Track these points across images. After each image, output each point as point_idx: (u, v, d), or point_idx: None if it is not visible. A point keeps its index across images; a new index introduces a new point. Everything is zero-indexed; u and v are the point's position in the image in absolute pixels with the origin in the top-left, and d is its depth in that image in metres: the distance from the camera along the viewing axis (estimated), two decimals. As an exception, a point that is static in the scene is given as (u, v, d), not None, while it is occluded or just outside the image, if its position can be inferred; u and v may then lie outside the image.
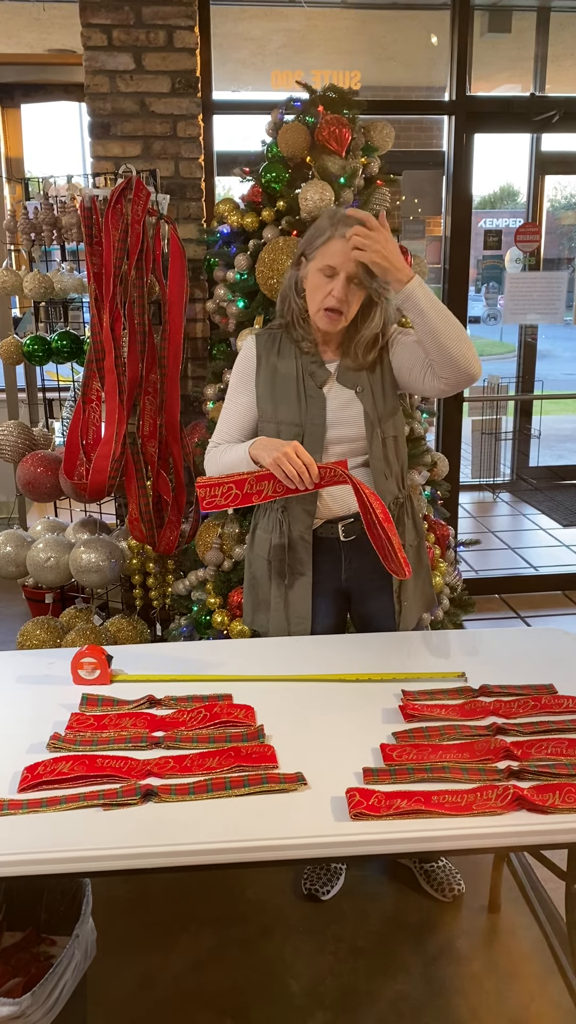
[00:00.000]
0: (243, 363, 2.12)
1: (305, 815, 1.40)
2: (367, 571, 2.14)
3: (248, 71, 4.94)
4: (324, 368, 2.08)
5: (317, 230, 1.98)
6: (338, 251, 1.91)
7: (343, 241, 1.90)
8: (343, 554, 2.13)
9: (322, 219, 1.99)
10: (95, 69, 3.20)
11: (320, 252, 1.94)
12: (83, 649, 1.85)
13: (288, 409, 2.06)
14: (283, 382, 2.06)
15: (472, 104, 3.93)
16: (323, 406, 2.05)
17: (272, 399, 2.07)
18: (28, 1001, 1.56)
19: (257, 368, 2.10)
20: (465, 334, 1.92)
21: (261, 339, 2.12)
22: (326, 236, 1.93)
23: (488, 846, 1.53)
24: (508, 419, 6.82)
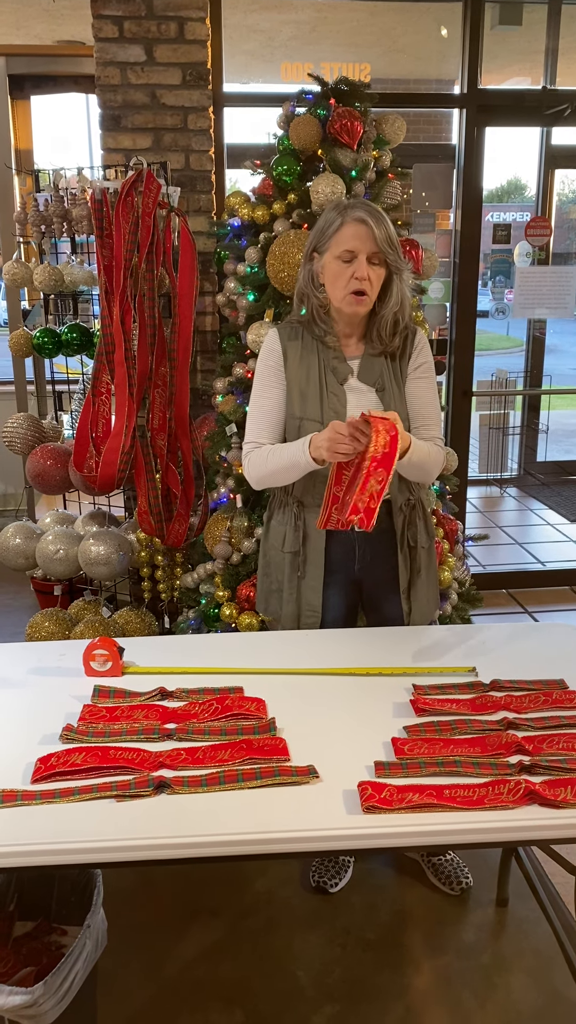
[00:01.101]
0: (269, 357, 2.12)
1: (317, 808, 1.40)
2: (380, 563, 2.14)
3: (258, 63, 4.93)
4: (346, 364, 2.08)
5: (326, 221, 2.00)
6: (354, 234, 1.94)
7: (356, 224, 1.93)
8: (356, 545, 2.13)
9: (328, 212, 2.02)
10: (106, 61, 3.20)
11: (335, 240, 1.97)
12: (95, 641, 1.86)
13: (310, 405, 2.06)
14: (306, 377, 2.07)
15: (483, 97, 3.91)
16: (343, 403, 2.06)
17: (295, 394, 2.08)
18: (40, 990, 1.57)
19: (284, 362, 2.10)
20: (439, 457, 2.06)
21: (283, 332, 2.13)
22: (338, 224, 1.96)
23: (500, 840, 1.53)
24: (516, 414, 6.80)
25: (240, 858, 1.39)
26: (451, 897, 2.35)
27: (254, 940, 2.20)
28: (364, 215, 1.94)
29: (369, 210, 1.95)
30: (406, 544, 2.14)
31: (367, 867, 2.46)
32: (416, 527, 2.16)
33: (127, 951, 2.14)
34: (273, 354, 2.11)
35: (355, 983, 2.08)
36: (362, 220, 1.93)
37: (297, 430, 2.07)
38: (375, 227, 1.93)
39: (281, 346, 2.11)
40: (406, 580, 2.16)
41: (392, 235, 1.96)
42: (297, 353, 2.09)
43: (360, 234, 1.94)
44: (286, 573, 2.16)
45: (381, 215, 1.96)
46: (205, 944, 2.19)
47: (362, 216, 1.94)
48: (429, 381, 2.14)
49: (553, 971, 2.11)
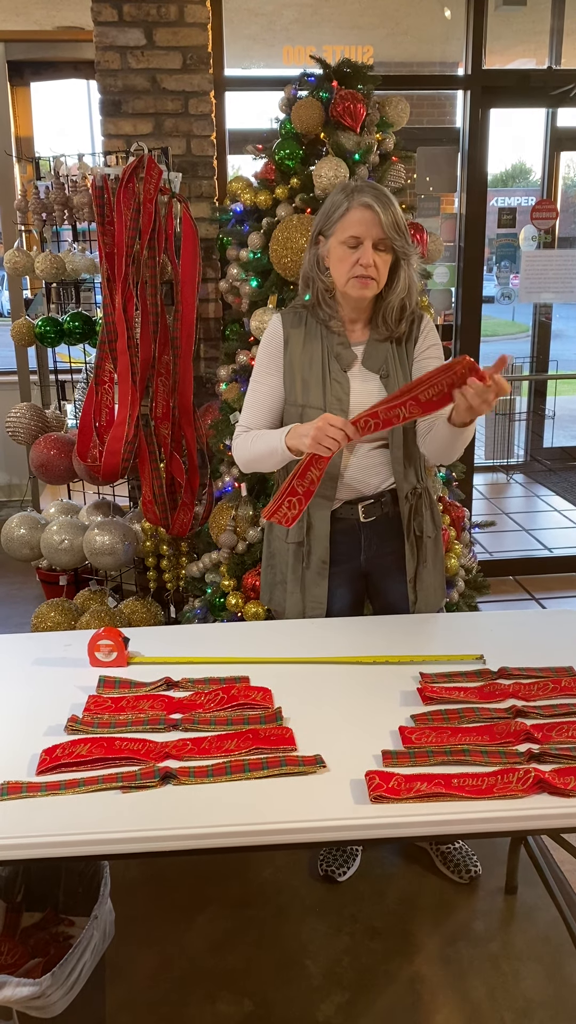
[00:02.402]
0: (270, 343, 2.08)
1: (324, 798, 1.39)
2: (387, 552, 2.12)
3: (259, 47, 4.87)
4: (350, 350, 2.04)
5: (333, 204, 1.95)
6: (359, 220, 1.89)
7: (362, 210, 1.88)
8: (362, 535, 2.11)
9: (335, 193, 1.96)
10: (105, 45, 3.16)
11: (340, 225, 1.92)
12: (100, 631, 1.85)
13: (312, 392, 2.02)
14: (308, 364, 2.03)
15: (488, 78, 3.87)
16: (347, 390, 2.02)
17: (297, 381, 2.04)
18: (48, 981, 1.57)
19: (284, 348, 2.06)
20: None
21: (287, 317, 2.08)
22: (344, 208, 1.91)
23: (509, 829, 1.52)
24: (522, 399, 6.76)
25: (247, 849, 1.38)
26: (459, 885, 2.34)
27: (262, 929, 2.20)
28: (370, 200, 1.88)
29: (376, 194, 1.90)
30: (412, 533, 2.12)
31: (375, 855, 2.45)
32: (422, 516, 2.14)
33: (135, 941, 2.14)
34: (274, 340, 2.07)
35: (363, 971, 2.07)
36: (368, 205, 1.88)
37: (299, 418, 2.03)
38: (382, 213, 1.88)
39: (283, 332, 2.06)
40: (412, 569, 2.14)
41: (399, 220, 1.91)
42: (300, 339, 2.05)
43: (366, 219, 1.89)
44: (290, 564, 2.13)
45: (388, 199, 1.91)
46: (213, 934, 2.19)
47: (368, 201, 1.88)
48: (438, 362, 2.06)
49: (562, 959, 2.10)
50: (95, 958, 1.73)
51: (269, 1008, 1.98)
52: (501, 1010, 1.97)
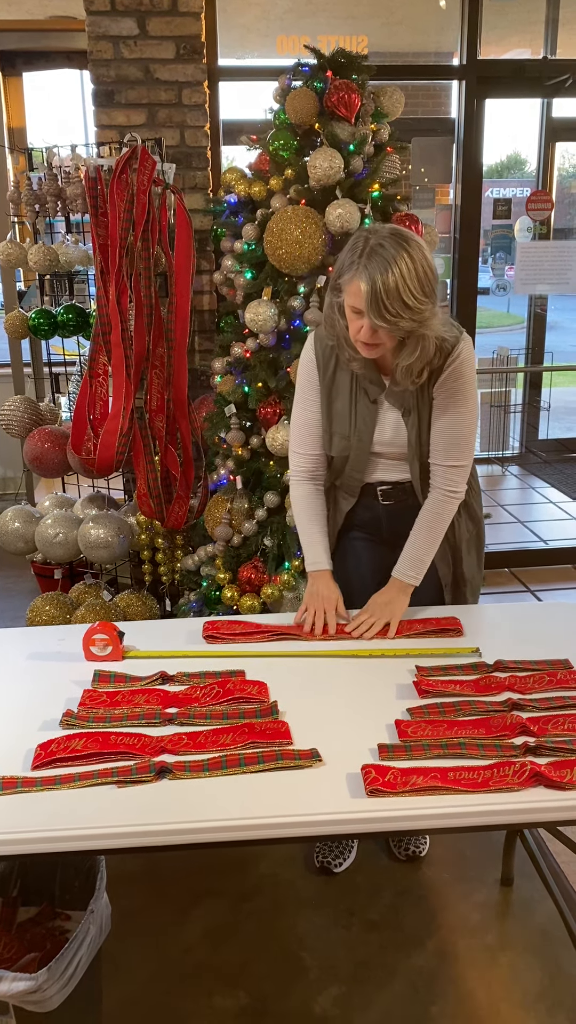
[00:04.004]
0: (306, 370, 2.06)
1: (320, 792, 1.39)
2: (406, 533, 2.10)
3: (253, 36, 4.84)
4: (379, 383, 2.00)
5: (349, 258, 1.77)
6: (358, 292, 1.74)
7: (357, 283, 1.73)
8: (383, 514, 2.14)
9: (357, 242, 1.77)
10: (98, 35, 3.14)
11: (347, 288, 1.78)
12: (95, 625, 1.84)
13: (340, 422, 2.03)
14: (338, 393, 2.02)
15: (483, 68, 3.85)
16: (372, 423, 2.01)
17: (328, 411, 2.04)
18: (44, 976, 1.56)
19: (320, 374, 2.03)
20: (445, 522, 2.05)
21: (320, 344, 2.03)
22: (352, 272, 1.75)
23: (505, 823, 1.52)
24: (517, 391, 6.75)
25: (243, 843, 1.38)
26: (455, 878, 2.34)
27: (258, 923, 2.20)
28: (366, 282, 1.70)
29: (371, 274, 1.69)
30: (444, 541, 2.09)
31: (371, 849, 2.45)
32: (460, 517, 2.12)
33: (131, 935, 2.14)
34: (309, 364, 2.05)
35: (360, 964, 2.07)
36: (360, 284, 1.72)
37: (329, 442, 2.06)
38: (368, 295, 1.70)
39: (316, 358, 2.03)
40: (448, 574, 2.16)
41: (396, 301, 1.70)
42: (332, 365, 2.02)
43: (359, 296, 1.74)
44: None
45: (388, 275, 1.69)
46: (209, 927, 2.19)
47: (363, 282, 1.71)
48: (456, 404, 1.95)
49: (558, 950, 2.11)
50: (91, 952, 1.73)
51: (266, 1002, 1.98)
52: (497, 1002, 1.97)
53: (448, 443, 1.98)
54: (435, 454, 2.00)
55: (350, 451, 2.04)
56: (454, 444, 1.98)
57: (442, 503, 2.01)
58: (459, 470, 1.99)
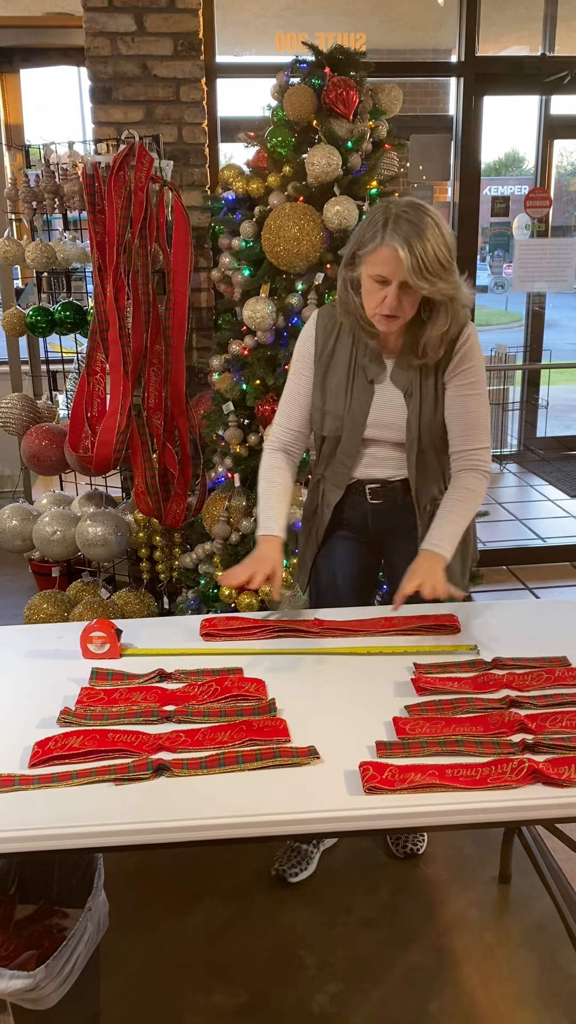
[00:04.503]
0: (303, 344, 2.04)
1: (318, 789, 1.39)
2: (393, 532, 2.13)
3: (251, 33, 4.84)
4: (380, 362, 1.98)
5: (367, 233, 1.79)
6: (386, 260, 1.75)
7: (392, 250, 1.73)
8: (369, 513, 2.12)
9: (374, 215, 1.79)
10: (95, 31, 3.13)
11: (370, 259, 1.78)
12: (92, 623, 1.84)
13: (334, 400, 2.00)
14: (335, 370, 1.99)
15: (481, 65, 3.85)
16: (368, 403, 1.98)
17: (322, 387, 2.01)
18: (42, 974, 1.56)
19: (316, 351, 2.01)
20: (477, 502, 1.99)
21: (322, 320, 2.02)
22: (376, 242, 1.75)
23: (503, 820, 1.52)
24: (515, 389, 6.76)
25: (241, 841, 1.37)
26: (453, 874, 2.34)
27: (256, 920, 2.20)
28: (399, 244, 1.72)
29: (409, 234, 1.72)
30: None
31: (368, 845, 2.45)
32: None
33: (129, 933, 2.14)
34: (307, 340, 2.03)
35: (358, 961, 2.07)
36: (397, 247, 1.72)
37: (320, 422, 2.03)
38: (409, 257, 1.71)
39: (315, 333, 2.01)
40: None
41: (433, 262, 1.73)
42: (331, 342, 2.00)
43: (393, 261, 1.74)
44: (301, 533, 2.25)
45: (424, 237, 1.72)
46: (207, 924, 2.19)
47: (397, 244, 1.72)
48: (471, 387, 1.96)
49: (556, 947, 2.11)
50: (89, 950, 1.72)
51: (264, 999, 1.98)
52: (495, 998, 1.98)
53: (469, 426, 1.97)
54: (457, 440, 1.99)
55: (342, 432, 2.01)
56: (474, 426, 1.97)
57: (475, 479, 1.97)
58: (485, 451, 1.99)
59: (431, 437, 2.01)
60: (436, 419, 1.99)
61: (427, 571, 1.85)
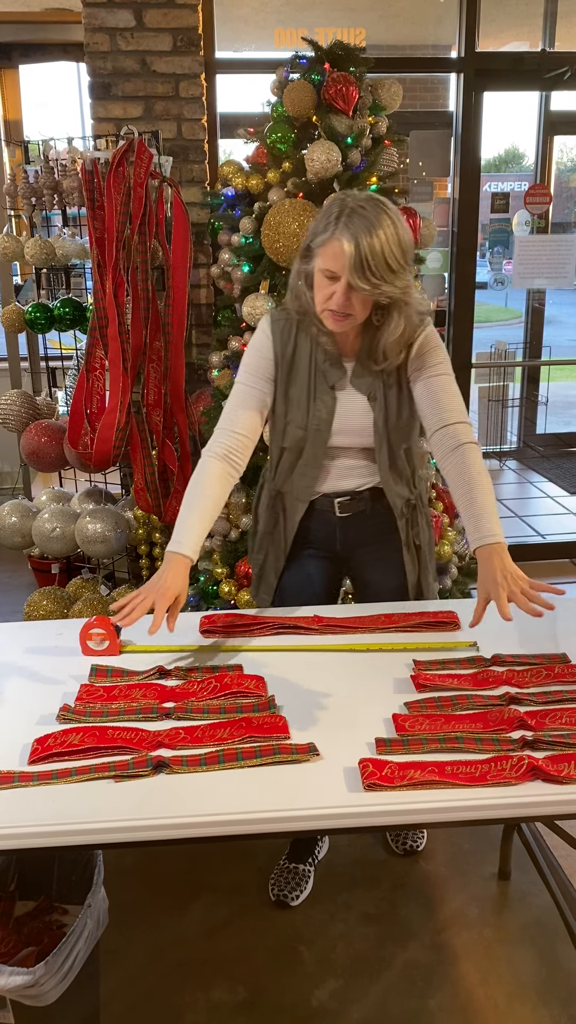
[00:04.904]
0: (259, 350, 1.92)
1: (318, 786, 1.39)
2: (364, 542, 2.09)
3: (250, 29, 4.82)
4: (340, 366, 1.90)
5: (322, 222, 1.70)
6: (337, 253, 1.65)
7: (342, 244, 1.64)
8: (337, 527, 2.06)
9: (332, 206, 1.71)
10: (95, 27, 3.12)
11: (322, 252, 1.69)
12: (92, 620, 1.83)
13: (296, 409, 1.91)
14: (295, 379, 1.91)
15: (481, 61, 3.84)
16: (332, 410, 1.91)
17: (284, 397, 1.93)
18: (42, 970, 1.56)
19: (274, 358, 1.91)
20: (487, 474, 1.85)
21: (277, 326, 1.91)
22: (328, 234, 1.67)
23: (503, 816, 1.52)
24: (515, 386, 6.76)
25: (241, 838, 1.37)
26: (452, 871, 2.35)
27: (256, 917, 2.20)
28: (348, 240, 1.63)
29: (355, 232, 1.63)
30: (412, 544, 2.08)
31: (368, 842, 2.45)
32: (419, 525, 2.09)
33: (129, 930, 2.14)
34: (263, 347, 1.91)
35: (357, 958, 2.08)
36: (343, 243, 1.63)
37: (282, 433, 1.95)
38: (352, 255, 1.63)
39: (271, 341, 1.91)
40: (415, 578, 2.12)
41: (379, 262, 1.64)
42: (290, 350, 1.90)
43: (343, 256, 1.64)
44: (254, 550, 2.16)
45: (372, 236, 1.63)
46: (206, 921, 2.19)
47: (347, 239, 1.63)
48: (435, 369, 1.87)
49: (555, 943, 2.11)
50: (89, 946, 1.73)
51: (263, 995, 1.98)
52: (495, 994, 1.98)
53: (442, 405, 1.86)
54: (432, 421, 1.86)
55: (305, 442, 1.93)
56: (448, 403, 1.86)
57: (475, 453, 1.84)
58: (468, 425, 1.87)
59: (399, 437, 1.95)
60: (403, 418, 1.93)
61: (505, 574, 1.70)
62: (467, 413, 1.89)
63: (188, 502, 1.84)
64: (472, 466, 1.82)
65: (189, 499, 1.84)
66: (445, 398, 1.87)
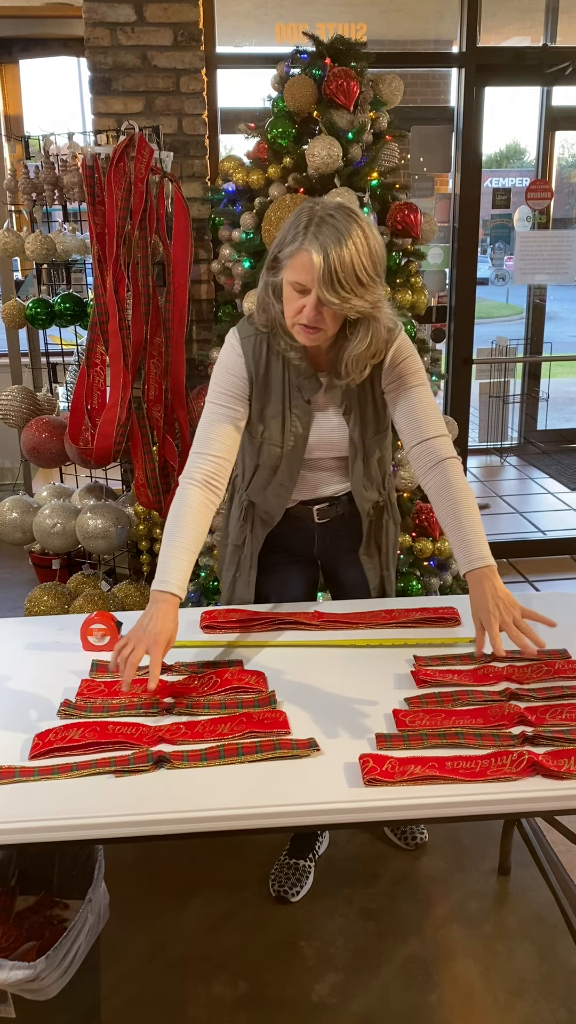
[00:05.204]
0: (232, 368, 1.84)
1: (318, 781, 1.39)
2: (340, 547, 2.09)
3: (251, 24, 4.81)
4: (315, 380, 1.84)
5: (291, 232, 1.63)
6: (306, 265, 1.59)
7: (309, 255, 1.57)
8: (316, 533, 2.06)
9: (300, 215, 1.63)
10: (95, 21, 3.12)
11: (290, 263, 1.63)
12: (92, 615, 1.84)
13: (272, 427, 1.87)
14: (271, 397, 1.85)
15: (482, 56, 3.83)
16: (308, 425, 1.87)
17: (259, 415, 1.88)
18: (43, 964, 1.57)
19: (247, 377, 1.84)
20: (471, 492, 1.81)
21: (248, 343, 1.84)
22: (297, 244, 1.60)
23: (503, 812, 1.52)
24: (516, 382, 6.75)
25: (241, 833, 1.38)
26: (452, 866, 2.35)
27: (256, 911, 2.21)
28: (315, 250, 1.56)
29: (324, 243, 1.56)
30: (373, 544, 2.08)
31: (367, 837, 2.46)
32: (383, 527, 2.10)
33: (129, 924, 2.14)
34: (236, 366, 1.84)
35: (357, 952, 2.08)
36: (312, 254, 1.56)
37: (257, 452, 1.92)
38: (321, 267, 1.56)
39: (244, 359, 1.84)
40: (377, 578, 2.12)
41: (349, 275, 1.57)
42: (262, 368, 1.84)
43: (311, 269, 1.57)
44: (225, 563, 2.14)
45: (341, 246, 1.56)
46: (207, 916, 2.19)
47: (312, 251, 1.56)
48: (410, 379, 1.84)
49: (555, 938, 2.11)
50: (89, 941, 1.73)
51: (264, 989, 1.99)
52: (494, 989, 1.98)
53: (420, 419, 1.82)
54: (416, 433, 1.82)
55: (281, 459, 1.90)
56: (429, 415, 1.83)
57: (456, 468, 1.80)
58: (447, 438, 1.84)
59: (374, 447, 1.93)
60: (379, 429, 1.91)
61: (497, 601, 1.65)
62: (444, 423, 1.86)
63: (171, 536, 1.74)
64: (455, 484, 1.78)
65: (171, 532, 1.75)
66: (422, 412, 1.83)
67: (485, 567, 1.71)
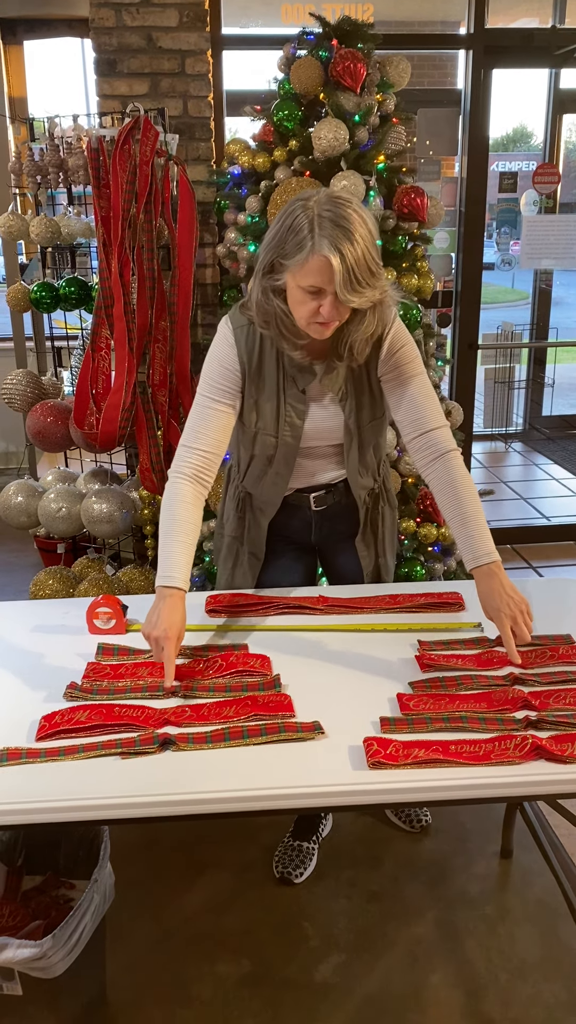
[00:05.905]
0: (224, 360, 1.83)
1: (323, 764, 1.40)
2: (337, 534, 2.09)
3: (257, 5, 4.77)
4: (309, 370, 1.82)
5: (292, 237, 1.59)
6: (321, 268, 1.56)
7: (325, 259, 1.55)
8: (313, 520, 2.06)
9: (296, 218, 1.59)
10: (100, 2, 3.09)
11: (301, 270, 1.59)
12: (98, 599, 1.85)
13: (267, 417, 1.86)
14: (265, 388, 1.84)
15: (490, 37, 3.79)
16: (303, 415, 1.86)
17: (253, 406, 1.86)
18: (49, 943, 1.58)
19: (240, 369, 1.82)
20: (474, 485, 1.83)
21: (241, 332, 1.81)
22: (306, 251, 1.57)
23: (506, 795, 1.53)
24: (521, 367, 6.73)
25: (246, 814, 1.39)
26: (455, 849, 2.37)
27: (261, 892, 2.22)
28: (330, 252, 1.54)
29: (335, 241, 1.54)
30: (368, 530, 2.08)
31: (371, 820, 2.47)
32: (380, 512, 2.09)
33: (135, 904, 2.16)
34: (229, 357, 1.82)
35: (360, 934, 2.10)
36: (329, 257, 1.55)
37: (252, 442, 1.91)
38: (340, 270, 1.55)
39: (236, 348, 1.82)
40: (371, 564, 2.11)
41: (364, 269, 1.57)
42: (256, 359, 1.82)
43: (328, 271, 1.56)
44: (222, 555, 2.14)
45: (352, 241, 1.55)
46: (212, 896, 2.21)
47: (327, 254, 1.54)
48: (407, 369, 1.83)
49: (557, 921, 2.13)
50: (95, 920, 1.75)
51: (268, 968, 2.01)
52: (496, 971, 2.00)
53: (419, 411, 1.83)
54: (415, 425, 1.83)
55: (276, 449, 1.89)
56: (428, 406, 1.84)
57: (457, 461, 1.82)
58: (446, 429, 1.85)
59: (370, 435, 1.93)
60: (375, 417, 1.91)
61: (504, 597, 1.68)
62: (443, 413, 1.86)
63: (168, 531, 1.75)
64: (457, 479, 1.80)
65: (168, 527, 1.75)
66: (422, 402, 1.84)
67: (491, 563, 1.73)
